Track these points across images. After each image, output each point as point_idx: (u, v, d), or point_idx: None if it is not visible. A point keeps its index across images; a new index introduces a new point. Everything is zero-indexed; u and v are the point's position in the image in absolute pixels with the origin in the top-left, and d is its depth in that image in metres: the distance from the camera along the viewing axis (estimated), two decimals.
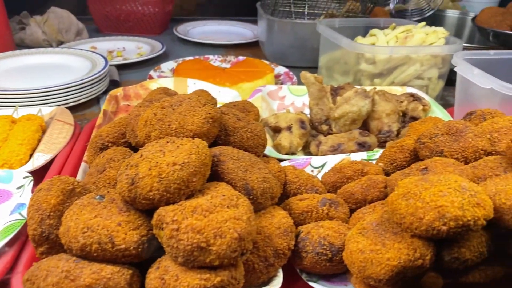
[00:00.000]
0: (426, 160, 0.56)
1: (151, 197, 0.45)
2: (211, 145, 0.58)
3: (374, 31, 1.13)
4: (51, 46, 1.52)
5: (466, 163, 0.58)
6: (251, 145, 0.62)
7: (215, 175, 0.52)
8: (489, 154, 0.60)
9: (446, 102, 1.18)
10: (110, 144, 0.65)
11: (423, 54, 1.03)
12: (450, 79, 1.09)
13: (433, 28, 1.09)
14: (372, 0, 1.32)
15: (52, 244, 0.49)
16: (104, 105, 0.88)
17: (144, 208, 0.47)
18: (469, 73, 0.86)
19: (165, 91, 0.80)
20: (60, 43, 1.53)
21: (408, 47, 1.04)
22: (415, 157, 0.64)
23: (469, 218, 0.41)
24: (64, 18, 1.57)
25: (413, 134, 0.74)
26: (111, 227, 0.45)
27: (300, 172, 0.62)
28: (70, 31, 1.57)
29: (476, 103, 0.88)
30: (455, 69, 0.91)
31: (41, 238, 0.49)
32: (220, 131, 0.60)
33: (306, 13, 1.31)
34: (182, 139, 0.51)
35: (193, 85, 0.98)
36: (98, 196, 0.49)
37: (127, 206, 0.48)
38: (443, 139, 0.60)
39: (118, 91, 0.95)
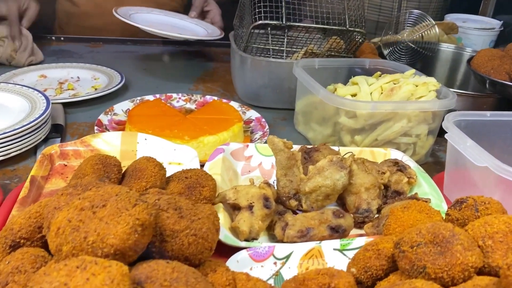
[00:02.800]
0: (407, 285, 0.49)
1: None
2: (139, 258, 0.50)
3: (357, 79, 1.07)
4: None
5: (453, 283, 0.52)
6: (193, 252, 0.54)
7: None
8: (480, 270, 0.53)
9: (436, 159, 1.12)
10: (23, 241, 0.57)
11: (410, 110, 0.97)
12: (441, 130, 1.02)
13: (423, 78, 1.04)
14: (360, 34, 1.26)
15: None
16: (33, 170, 0.79)
17: None
18: (461, 144, 0.80)
19: (103, 162, 0.72)
20: (11, 59, 1.47)
21: (393, 102, 0.98)
22: (393, 265, 0.58)
23: None
24: (23, 36, 1.49)
25: (394, 223, 0.68)
26: None
27: (254, 285, 0.55)
28: (26, 51, 1.49)
29: (468, 177, 0.83)
30: (446, 135, 0.85)
31: None
32: (155, 236, 0.52)
33: (284, 50, 1.24)
34: (96, 263, 0.43)
35: (143, 141, 0.90)
36: None
37: None
38: (427, 251, 0.53)
39: (53, 149, 0.86)
